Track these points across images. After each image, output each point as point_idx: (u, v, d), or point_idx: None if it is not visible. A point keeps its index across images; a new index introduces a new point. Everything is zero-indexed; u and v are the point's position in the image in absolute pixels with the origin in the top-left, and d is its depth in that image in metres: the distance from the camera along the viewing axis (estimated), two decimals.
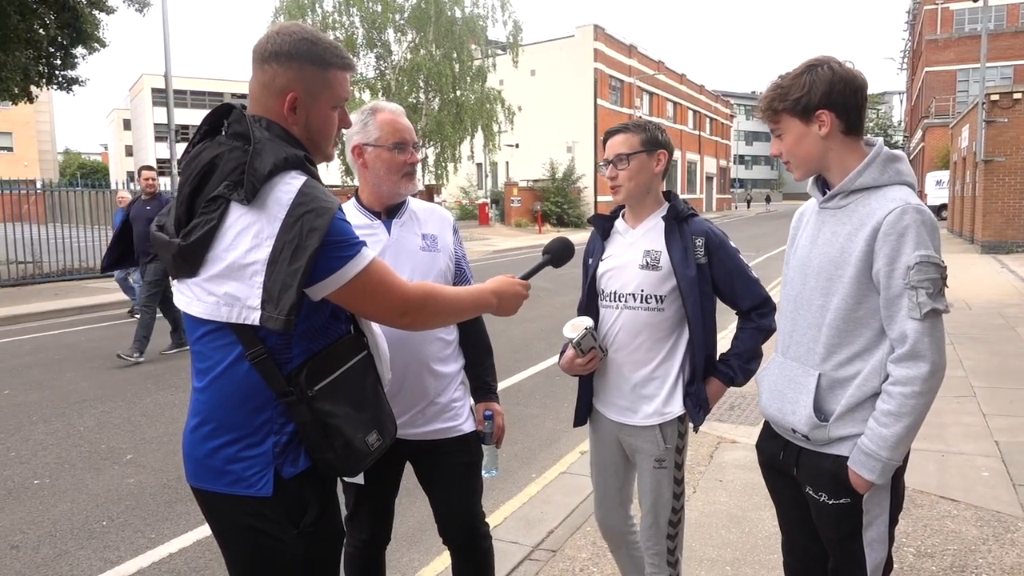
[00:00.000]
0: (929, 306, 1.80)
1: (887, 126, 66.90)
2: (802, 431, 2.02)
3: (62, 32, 15.62)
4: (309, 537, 1.67)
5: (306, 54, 1.66)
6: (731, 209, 65.22)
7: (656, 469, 2.45)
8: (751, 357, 2.45)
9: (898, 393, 1.84)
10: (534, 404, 6.43)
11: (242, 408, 1.62)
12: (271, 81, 1.66)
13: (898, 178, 1.94)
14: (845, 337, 1.95)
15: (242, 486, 1.62)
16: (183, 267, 1.61)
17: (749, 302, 2.42)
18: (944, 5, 43.77)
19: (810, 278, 2.04)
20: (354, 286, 1.59)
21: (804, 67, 1.94)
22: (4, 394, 6.88)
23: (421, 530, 3.90)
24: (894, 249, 1.83)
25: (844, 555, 2.04)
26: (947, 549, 3.47)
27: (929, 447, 4.82)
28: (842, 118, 1.93)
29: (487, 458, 2.52)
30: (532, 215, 34.73)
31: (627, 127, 2.46)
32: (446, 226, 2.44)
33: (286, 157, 1.59)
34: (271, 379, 1.59)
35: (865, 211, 1.91)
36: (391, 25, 28.87)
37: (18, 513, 4.26)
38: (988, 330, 8.85)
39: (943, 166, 33.79)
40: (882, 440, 1.86)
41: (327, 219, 1.53)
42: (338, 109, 1.76)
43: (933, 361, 1.82)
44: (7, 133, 52.11)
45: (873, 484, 1.92)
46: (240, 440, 1.62)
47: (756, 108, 2.08)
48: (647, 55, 47.87)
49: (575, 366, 2.48)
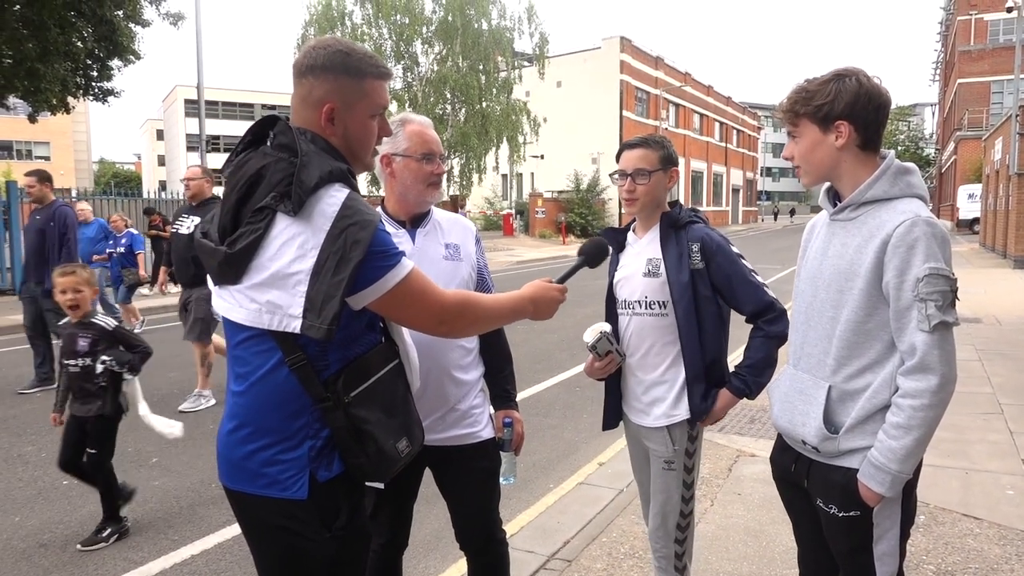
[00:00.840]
0: (938, 318, 1.80)
1: (918, 138, 65.97)
2: (812, 443, 2.02)
3: (99, 45, 16.04)
4: (340, 539, 1.71)
5: (340, 65, 1.70)
6: (757, 222, 64.71)
7: (665, 471, 2.51)
8: (764, 367, 2.46)
9: (907, 406, 1.84)
10: (554, 414, 6.45)
11: (280, 412, 1.66)
12: (308, 94, 1.71)
13: (909, 191, 1.95)
14: (855, 349, 1.95)
15: (277, 488, 1.66)
16: (227, 274, 1.65)
17: (751, 306, 2.44)
18: (978, 16, 43.18)
19: (820, 290, 2.05)
20: (394, 295, 1.63)
21: (832, 75, 1.95)
22: (36, 396, 7.04)
23: (438, 537, 3.93)
24: (904, 261, 1.83)
25: (854, 568, 2.03)
26: (968, 567, 3.43)
27: (953, 464, 4.76)
28: (860, 132, 1.94)
29: (505, 465, 2.55)
30: (556, 226, 34.76)
31: (646, 142, 2.52)
32: (469, 236, 2.49)
33: (331, 170, 1.63)
34: (309, 385, 1.63)
35: (875, 223, 1.91)
36: (418, 37, 29.22)
37: (47, 513, 4.37)
38: (1018, 346, 8.68)
39: (976, 179, 33.21)
40: (892, 453, 1.86)
41: (370, 232, 1.58)
42: (377, 118, 1.78)
43: (943, 374, 1.82)
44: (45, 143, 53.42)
45: (883, 497, 1.91)
46: (277, 444, 1.66)
47: (777, 108, 2.09)
48: (674, 67, 47.82)
49: (593, 369, 2.58)
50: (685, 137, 48.74)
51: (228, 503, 1.77)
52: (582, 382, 7.38)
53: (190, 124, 58.88)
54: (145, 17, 16.64)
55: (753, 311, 2.46)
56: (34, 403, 6.80)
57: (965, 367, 7.58)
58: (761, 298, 2.44)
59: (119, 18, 15.84)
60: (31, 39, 14.18)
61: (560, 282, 2.05)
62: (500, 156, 31.46)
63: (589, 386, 7.13)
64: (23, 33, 14.09)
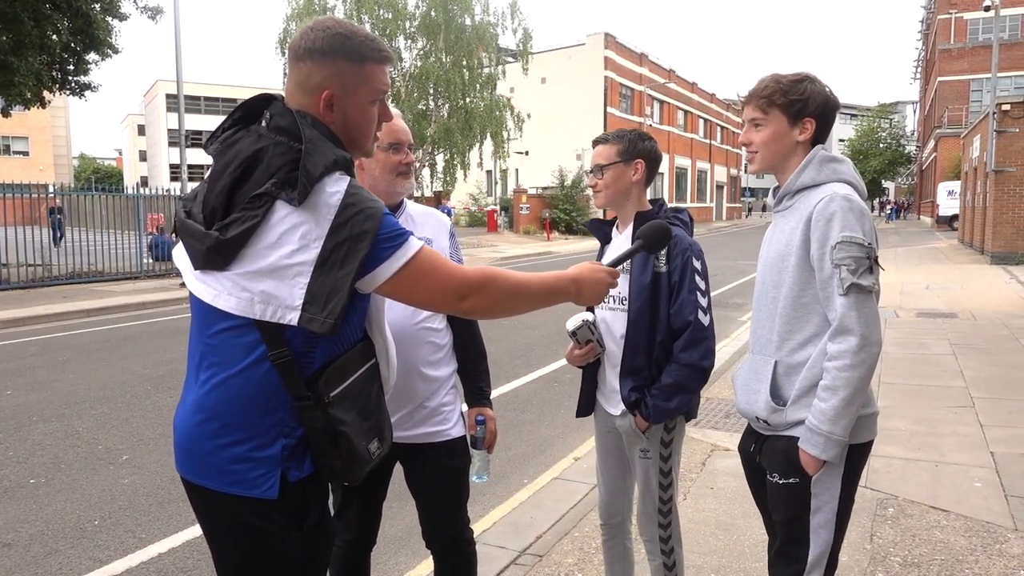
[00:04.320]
0: (851, 280, 1.92)
1: (900, 136, 66.33)
2: (763, 416, 2.12)
3: (75, 38, 15.79)
4: (311, 539, 1.67)
5: (340, 49, 1.61)
6: (741, 218, 64.99)
7: (641, 459, 2.57)
8: (672, 393, 2.41)
9: (832, 367, 1.95)
10: (530, 410, 6.44)
11: (255, 409, 1.58)
12: (306, 79, 1.62)
13: (835, 176, 2.09)
14: (795, 324, 2.07)
15: (243, 487, 1.59)
16: (214, 260, 1.55)
17: (678, 320, 2.40)
18: (958, 14, 43.58)
19: (765, 274, 2.18)
20: (405, 275, 1.57)
21: (803, 76, 2.11)
22: (6, 394, 6.95)
23: (409, 534, 3.90)
24: (823, 233, 1.98)
25: (788, 535, 2.11)
26: (934, 559, 3.45)
27: (923, 457, 4.80)
28: (819, 130, 2.11)
29: (479, 463, 2.53)
30: (541, 222, 34.76)
31: (607, 138, 2.58)
32: (443, 230, 2.46)
33: (335, 159, 1.56)
34: (290, 382, 1.56)
35: (804, 206, 2.06)
36: (401, 32, 29.03)
37: (12, 512, 4.31)
38: (991, 341, 8.78)
39: (955, 176, 33.55)
40: (822, 414, 1.96)
41: (376, 221, 1.52)
42: (378, 103, 1.71)
43: (862, 335, 1.92)
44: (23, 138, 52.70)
45: (821, 463, 1.99)
46: (248, 440, 1.59)
47: (749, 95, 2.16)
48: (658, 63, 47.94)
49: (572, 357, 2.61)
50: (669, 134, 48.87)
51: None
52: (560, 378, 7.38)
53: (171, 119, 58.46)
54: (122, 10, 16.40)
55: (678, 325, 2.41)
56: (3, 401, 6.70)
57: (939, 361, 7.66)
58: (686, 316, 2.39)
59: (95, 11, 15.62)
60: (4, 32, 13.94)
61: (613, 266, 1.91)
62: (484, 152, 31.35)
63: (567, 382, 7.13)
64: None
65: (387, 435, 1.78)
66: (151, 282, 15.83)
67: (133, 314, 12.31)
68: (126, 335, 10.21)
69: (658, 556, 2.61)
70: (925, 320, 10.28)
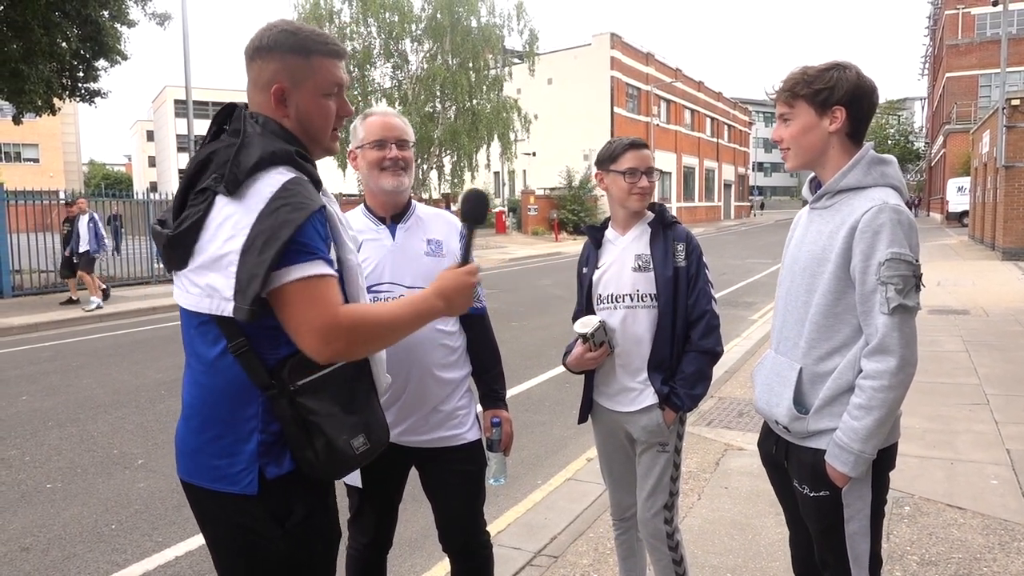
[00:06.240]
0: (897, 301, 1.86)
1: (908, 132, 66.03)
2: (783, 423, 2.09)
3: (84, 45, 15.87)
4: (296, 538, 1.67)
5: (285, 43, 1.67)
6: (749, 216, 64.78)
7: (659, 453, 2.60)
8: (696, 381, 2.56)
9: (868, 387, 1.90)
10: (543, 411, 6.44)
11: (228, 402, 1.61)
12: (258, 76, 1.68)
13: (883, 180, 1.99)
14: (825, 332, 2.01)
15: (226, 483, 1.62)
16: (173, 258, 1.63)
17: (697, 310, 2.56)
18: (965, 10, 43.34)
19: (797, 275, 2.11)
20: (292, 291, 1.51)
21: (831, 64, 2.00)
22: (22, 400, 7.00)
23: (425, 536, 3.91)
24: (869, 246, 1.89)
25: (827, 547, 2.09)
26: (952, 557, 3.43)
27: (938, 455, 4.77)
28: (852, 121, 2.00)
29: (496, 466, 2.51)
30: (549, 223, 34.74)
31: (647, 145, 2.68)
32: (453, 232, 2.45)
33: (274, 151, 1.59)
34: (253, 372, 1.58)
35: (848, 210, 1.97)
36: (408, 35, 29.09)
37: (30, 516, 4.34)
38: (1005, 337, 8.72)
39: (965, 172, 33.34)
40: (854, 433, 1.91)
41: (302, 215, 1.52)
42: (334, 98, 1.73)
43: (902, 356, 1.87)
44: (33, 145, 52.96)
45: (851, 477, 1.96)
46: (225, 435, 1.62)
47: (775, 89, 2.10)
48: (664, 63, 47.82)
49: (585, 360, 2.61)
50: (676, 133, 48.76)
51: None
52: (571, 379, 7.33)
53: (180, 125, 58.71)
54: (131, 17, 16.46)
55: (695, 315, 2.56)
56: (19, 407, 6.76)
57: (952, 358, 7.61)
58: (703, 307, 2.56)
59: (104, 18, 15.69)
60: (15, 40, 14.04)
61: (464, 264, 1.81)
62: (492, 153, 31.36)
63: (578, 383, 7.09)
64: (6, 34, 13.95)
65: (378, 434, 1.73)
66: (162, 287, 15.90)
67: (145, 319, 12.37)
68: (138, 340, 10.26)
69: (664, 553, 2.63)
70: (937, 317, 10.22)
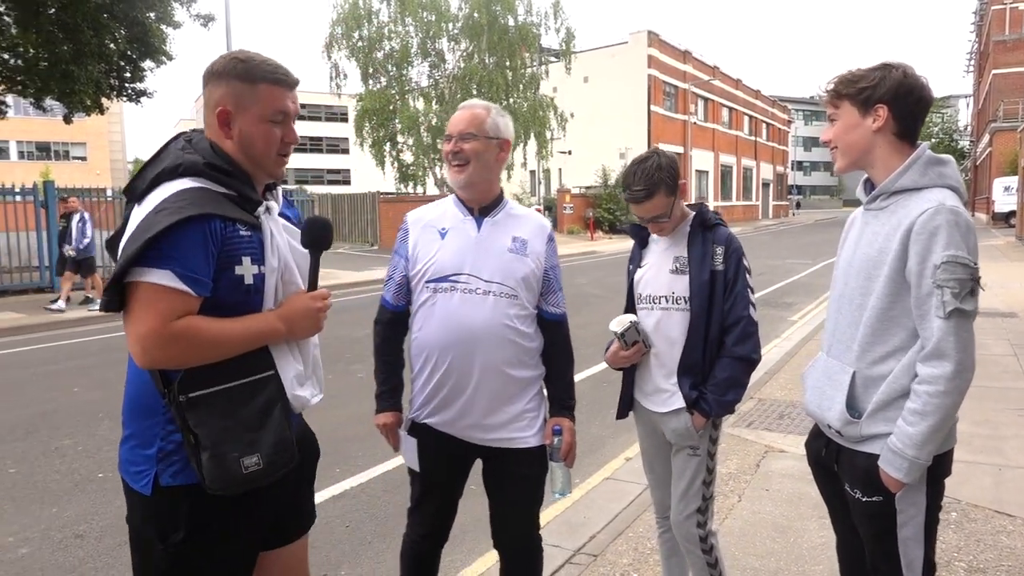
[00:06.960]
0: (954, 305, 1.81)
1: (953, 130, 64.54)
2: (836, 427, 2.06)
3: (131, 46, 16.27)
4: (175, 556, 1.69)
5: (233, 71, 1.78)
6: (788, 216, 63.82)
7: (690, 456, 2.60)
8: (727, 387, 2.51)
9: (923, 392, 1.87)
10: (580, 410, 6.35)
11: (137, 406, 1.73)
12: (208, 99, 1.81)
13: (940, 181, 1.95)
14: (879, 336, 1.98)
15: (131, 478, 1.74)
16: (115, 260, 1.73)
17: (733, 315, 2.51)
18: (1013, 4, 42.10)
19: (851, 278, 2.08)
20: (132, 291, 1.60)
21: (879, 64, 2.00)
22: (74, 391, 7.21)
23: (464, 531, 3.95)
24: (925, 248, 1.85)
25: (879, 552, 2.06)
26: (1001, 565, 3.37)
27: (986, 460, 4.68)
28: (897, 119, 1.98)
29: (561, 481, 2.44)
30: (584, 222, 34.64)
31: (650, 195, 2.63)
32: (540, 234, 2.47)
33: (180, 163, 1.70)
34: (155, 378, 1.67)
35: (904, 212, 1.94)
36: (445, 34, 29.23)
37: (83, 504, 4.48)
38: None
39: (1012, 172, 32.41)
40: (908, 439, 1.88)
41: (172, 219, 1.58)
42: (279, 125, 1.81)
43: (958, 361, 1.83)
44: (81, 143, 54.33)
45: (904, 483, 1.93)
46: (134, 437, 1.74)
47: (823, 90, 2.11)
48: (702, 60, 47.33)
49: (619, 358, 2.65)
50: (714, 131, 48.25)
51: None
52: (608, 378, 7.35)
53: None
54: (176, 19, 16.84)
55: (732, 320, 2.52)
56: (71, 397, 6.97)
57: (999, 362, 7.43)
58: (740, 313, 2.51)
59: (151, 20, 16.07)
60: (66, 41, 14.44)
61: (311, 287, 1.86)
62: (528, 152, 31.38)
63: (615, 382, 7.06)
64: (58, 36, 14.36)
65: (278, 456, 1.71)
66: None
67: None
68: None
69: (699, 556, 2.63)
70: (984, 320, 9.97)
